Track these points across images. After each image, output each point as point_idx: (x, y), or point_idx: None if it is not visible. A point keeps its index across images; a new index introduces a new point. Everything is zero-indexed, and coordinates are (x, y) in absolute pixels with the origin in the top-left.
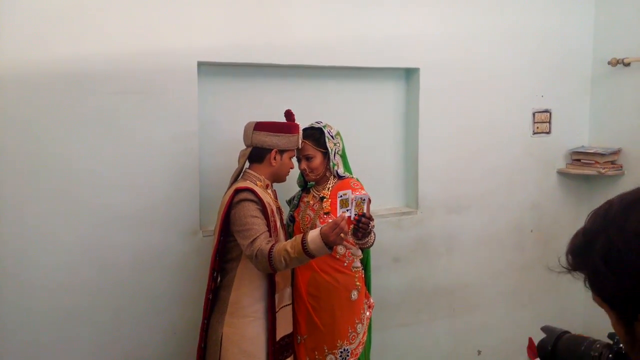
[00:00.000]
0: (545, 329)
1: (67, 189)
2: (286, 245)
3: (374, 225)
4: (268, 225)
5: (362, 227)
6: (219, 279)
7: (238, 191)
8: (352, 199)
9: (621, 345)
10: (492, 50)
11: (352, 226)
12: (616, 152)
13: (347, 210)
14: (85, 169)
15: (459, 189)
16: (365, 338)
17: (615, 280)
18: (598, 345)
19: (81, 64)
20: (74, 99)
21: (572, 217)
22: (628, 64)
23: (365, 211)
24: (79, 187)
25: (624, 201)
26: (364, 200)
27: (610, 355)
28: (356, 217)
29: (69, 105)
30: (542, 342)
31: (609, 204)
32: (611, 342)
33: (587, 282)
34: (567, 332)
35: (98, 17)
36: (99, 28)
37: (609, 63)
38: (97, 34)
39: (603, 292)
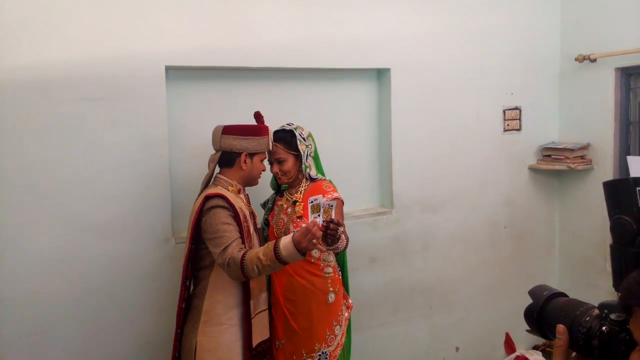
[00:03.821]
0: (532, 293)
1: (33, 199)
2: (258, 253)
3: (343, 231)
4: (241, 232)
5: (330, 233)
6: (191, 287)
7: (208, 198)
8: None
9: (613, 317)
10: (462, 49)
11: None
12: (585, 147)
13: (319, 215)
14: (52, 178)
15: (433, 188)
16: (343, 340)
17: None
18: (588, 318)
19: (45, 71)
20: (38, 107)
21: (544, 212)
22: (594, 60)
23: (333, 217)
24: (45, 196)
25: None
26: (332, 206)
27: (603, 329)
28: (324, 224)
29: (33, 114)
30: (528, 309)
31: None
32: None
33: None
34: (558, 294)
35: (61, 22)
36: (62, 33)
37: (576, 59)
38: (61, 40)
39: None
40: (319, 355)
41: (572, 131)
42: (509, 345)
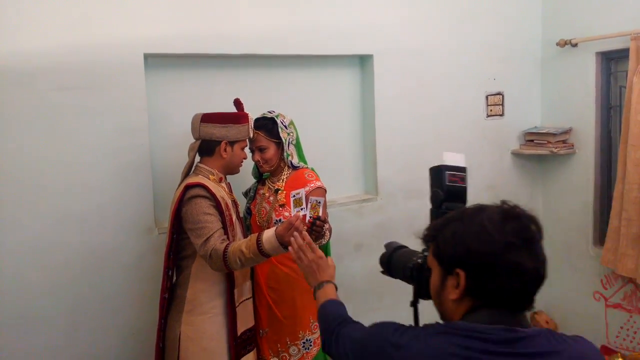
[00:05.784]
0: (386, 246)
1: (11, 191)
2: (241, 246)
3: (328, 227)
4: (223, 221)
5: (316, 229)
6: (174, 277)
7: (188, 187)
8: (308, 197)
9: (420, 260)
10: (444, 35)
11: (306, 228)
12: (567, 132)
13: (302, 209)
14: (30, 169)
15: (417, 174)
16: None
17: (452, 248)
18: (414, 258)
19: (19, 60)
20: (13, 97)
21: (526, 197)
22: (575, 45)
23: (320, 214)
24: (25, 188)
25: (475, 207)
26: (320, 203)
27: (418, 261)
28: (310, 220)
29: (8, 104)
30: (381, 256)
31: (464, 208)
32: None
33: (434, 247)
34: (403, 247)
35: (36, 8)
36: (37, 20)
37: (558, 44)
38: (36, 27)
39: (442, 254)
40: (303, 342)
41: (554, 116)
42: None
